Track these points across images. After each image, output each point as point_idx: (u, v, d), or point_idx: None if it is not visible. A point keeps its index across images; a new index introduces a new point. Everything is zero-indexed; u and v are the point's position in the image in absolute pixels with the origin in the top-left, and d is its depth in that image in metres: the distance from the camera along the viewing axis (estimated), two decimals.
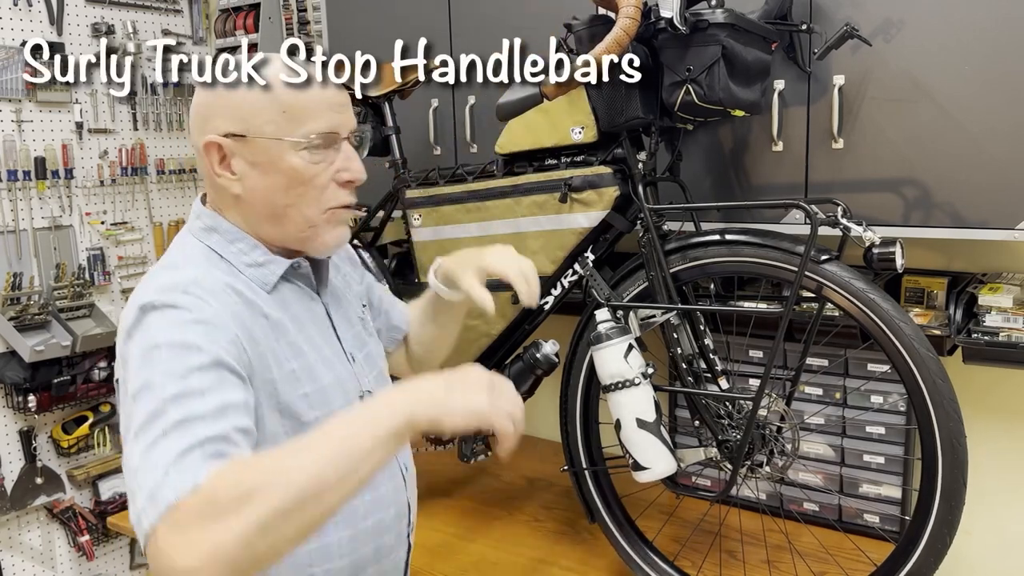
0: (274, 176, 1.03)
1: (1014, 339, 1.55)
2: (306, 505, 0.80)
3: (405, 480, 1.17)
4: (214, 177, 1.05)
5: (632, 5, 1.38)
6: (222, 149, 1.03)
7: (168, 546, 0.78)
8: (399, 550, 1.16)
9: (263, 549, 0.78)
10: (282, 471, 0.81)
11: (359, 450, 0.84)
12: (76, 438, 2.80)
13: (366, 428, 0.86)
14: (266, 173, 1.03)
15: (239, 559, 0.77)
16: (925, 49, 1.52)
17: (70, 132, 2.77)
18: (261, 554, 0.79)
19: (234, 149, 1.03)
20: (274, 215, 1.06)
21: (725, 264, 1.52)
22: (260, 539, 0.78)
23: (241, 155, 1.03)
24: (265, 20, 2.77)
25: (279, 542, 0.80)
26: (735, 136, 1.75)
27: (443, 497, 2.09)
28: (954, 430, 1.33)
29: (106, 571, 2.97)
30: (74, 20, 2.77)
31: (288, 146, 1.02)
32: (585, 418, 1.71)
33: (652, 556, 1.66)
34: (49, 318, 2.68)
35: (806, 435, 1.82)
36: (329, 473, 0.82)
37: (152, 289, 0.96)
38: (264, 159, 1.03)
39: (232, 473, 0.82)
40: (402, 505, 1.15)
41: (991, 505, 1.79)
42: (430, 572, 1.74)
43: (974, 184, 1.51)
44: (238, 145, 1.03)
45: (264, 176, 1.03)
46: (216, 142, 1.03)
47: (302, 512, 0.80)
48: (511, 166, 1.77)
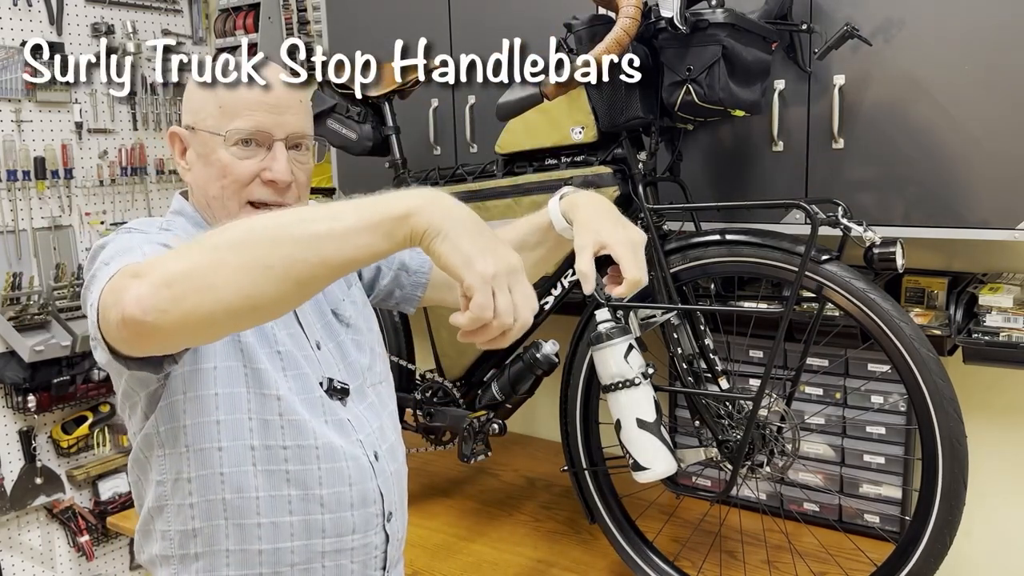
0: (209, 167, 1.12)
1: (1014, 339, 1.55)
2: (258, 245, 0.80)
3: (373, 468, 1.15)
4: (176, 164, 1.17)
5: (632, 5, 1.38)
6: (182, 140, 1.15)
7: (112, 286, 0.84)
8: (370, 536, 1.15)
9: (201, 270, 0.79)
10: (251, 218, 0.85)
11: (345, 215, 0.81)
12: (76, 438, 2.80)
13: (362, 204, 0.83)
14: (205, 164, 1.12)
15: (175, 274, 0.79)
16: (925, 49, 1.52)
17: (70, 132, 2.77)
18: (198, 276, 0.79)
19: (188, 140, 1.15)
20: (208, 204, 1.14)
21: (725, 264, 1.52)
22: (201, 256, 0.80)
23: (192, 146, 1.14)
24: (265, 20, 2.77)
25: (219, 269, 0.79)
26: (735, 136, 1.75)
27: (443, 497, 2.09)
28: (954, 430, 1.33)
29: (106, 571, 2.97)
30: (74, 20, 2.77)
31: (220, 140, 1.10)
32: (585, 418, 1.71)
33: (652, 556, 1.66)
34: (49, 318, 2.68)
35: (806, 435, 1.82)
36: (294, 223, 0.82)
37: (130, 223, 1.10)
38: (204, 150, 1.12)
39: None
40: (369, 491, 1.14)
41: (991, 505, 1.79)
42: (430, 572, 1.74)
43: (974, 184, 1.51)
44: (190, 136, 1.14)
45: (204, 167, 1.13)
46: (177, 132, 1.16)
47: (254, 248, 0.80)
48: (511, 166, 1.77)
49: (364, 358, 1.23)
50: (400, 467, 1.24)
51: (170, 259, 0.82)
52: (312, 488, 1.09)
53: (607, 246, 1.05)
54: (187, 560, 1.09)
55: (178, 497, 1.08)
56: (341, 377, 1.17)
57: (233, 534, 1.07)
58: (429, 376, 1.95)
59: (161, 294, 0.78)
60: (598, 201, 1.13)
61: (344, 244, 0.81)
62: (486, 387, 1.79)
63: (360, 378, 1.21)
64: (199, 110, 1.12)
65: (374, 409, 1.21)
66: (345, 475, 1.12)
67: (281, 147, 1.11)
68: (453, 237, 0.81)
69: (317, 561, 1.11)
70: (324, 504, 1.10)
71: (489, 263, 0.81)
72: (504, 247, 0.84)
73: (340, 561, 1.13)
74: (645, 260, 1.07)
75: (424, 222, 0.81)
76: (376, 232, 0.81)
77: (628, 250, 1.04)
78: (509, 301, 0.82)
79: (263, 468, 1.07)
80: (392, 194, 0.84)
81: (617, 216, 1.10)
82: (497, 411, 1.78)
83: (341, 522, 1.12)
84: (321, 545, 1.11)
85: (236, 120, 1.09)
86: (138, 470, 1.14)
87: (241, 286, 0.79)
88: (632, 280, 1.03)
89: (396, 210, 0.81)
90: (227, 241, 0.81)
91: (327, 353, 1.18)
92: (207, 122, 1.11)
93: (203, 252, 0.81)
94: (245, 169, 1.10)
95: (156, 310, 0.78)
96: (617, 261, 1.04)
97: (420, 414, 1.95)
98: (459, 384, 1.91)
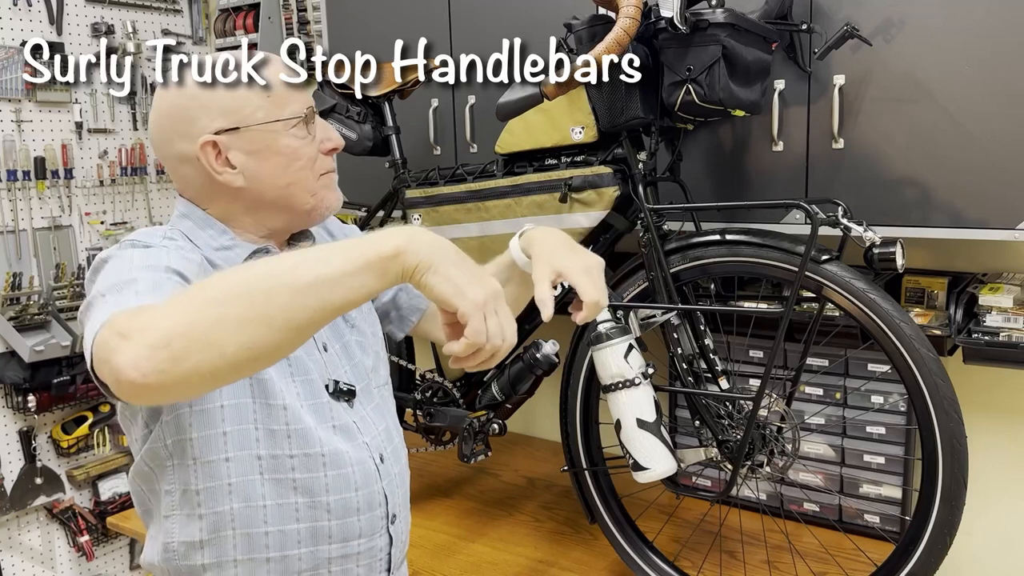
0: (270, 159, 1.09)
1: (1014, 339, 1.55)
2: (254, 296, 0.80)
3: (379, 471, 1.16)
4: (214, 175, 1.08)
5: (632, 5, 1.38)
6: (217, 146, 1.07)
7: (103, 341, 0.81)
8: (376, 539, 1.16)
9: (200, 329, 0.78)
10: (242, 268, 0.85)
11: (334, 258, 0.83)
12: (76, 438, 2.80)
13: (350, 246, 0.84)
14: (265, 158, 1.09)
15: (172, 334, 0.78)
16: (925, 49, 1.52)
17: (70, 132, 2.77)
18: (197, 335, 0.78)
19: (229, 143, 1.07)
20: (280, 196, 1.11)
21: (725, 264, 1.52)
22: (198, 313, 0.79)
23: (237, 147, 1.08)
24: (265, 20, 2.77)
25: (217, 326, 0.78)
26: (735, 136, 1.75)
27: (443, 497, 2.09)
28: (954, 430, 1.33)
29: (106, 571, 2.97)
30: (74, 20, 2.77)
31: (279, 128, 1.08)
32: (585, 418, 1.71)
33: (652, 556, 1.66)
34: (49, 318, 2.68)
35: (806, 435, 1.82)
36: (286, 271, 0.82)
37: (136, 232, 1.07)
38: (258, 145, 1.08)
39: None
40: (375, 494, 1.14)
41: (992, 505, 1.79)
42: (430, 572, 1.74)
43: (974, 184, 1.51)
44: (232, 138, 1.07)
45: (265, 161, 1.09)
46: (211, 140, 1.07)
47: (251, 300, 0.79)
48: (511, 166, 1.77)
49: (369, 359, 1.24)
50: (403, 469, 1.24)
51: (163, 317, 0.80)
52: (319, 495, 1.09)
53: (562, 274, 1.08)
54: (195, 572, 1.09)
55: (186, 508, 1.08)
56: (347, 378, 1.17)
57: (240, 544, 1.07)
58: (429, 376, 1.95)
59: (159, 355, 0.77)
60: (554, 234, 1.18)
61: (339, 287, 0.82)
62: (486, 387, 1.79)
63: (366, 379, 1.21)
64: (239, 109, 1.07)
65: (380, 411, 1.21)
66: (351, 481, 1.12)
67: (320, 118, 1.14)
68: (442, 270, 0.85)
69: (324, 567, 1.11)
70: (331, 511, 1.10)
71: (479, 290, 0.85)
72: (485, 274, 0.88)
73: (346, 566, 1.13)
74: (604, 282, 1.10)
75: (414, 258, 0.84)
76: (369, 272, 0.83)
77: (584, 275, 1.07)
78: (498, 323, 0.86)
79: (270, 477, 1.07)
80: (374, 235, 0.87)
81: (572, 245, 1.14)
82: (497, 411, 1.78)
83: (347, 527, 1.12)
84: (328, 551, 1.11)
85: (290, 105, 1.09)
86: (141, 481, 1.13)
87: (242, 340, 0.79)
88: (590, 303, 1.07)
89: (385, 249, 0.84)
90: (222, 295, 0.80)
91: (333, 355, 1.18)
92: (256, 115, 1.07)
93: (199, 308, 0.80)
94: (312, 147, 1.12)
95: (156, 372, 0.77)
96: (574, 287, 1.08)
97: (420, 414, 1.95)
98: (459, 384, 1.91)
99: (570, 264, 1.08)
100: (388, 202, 2.03)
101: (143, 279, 0.94)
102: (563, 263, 1.09)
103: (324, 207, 1.16)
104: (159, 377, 0.77)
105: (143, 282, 0.93)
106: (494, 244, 1.77)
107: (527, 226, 1.24)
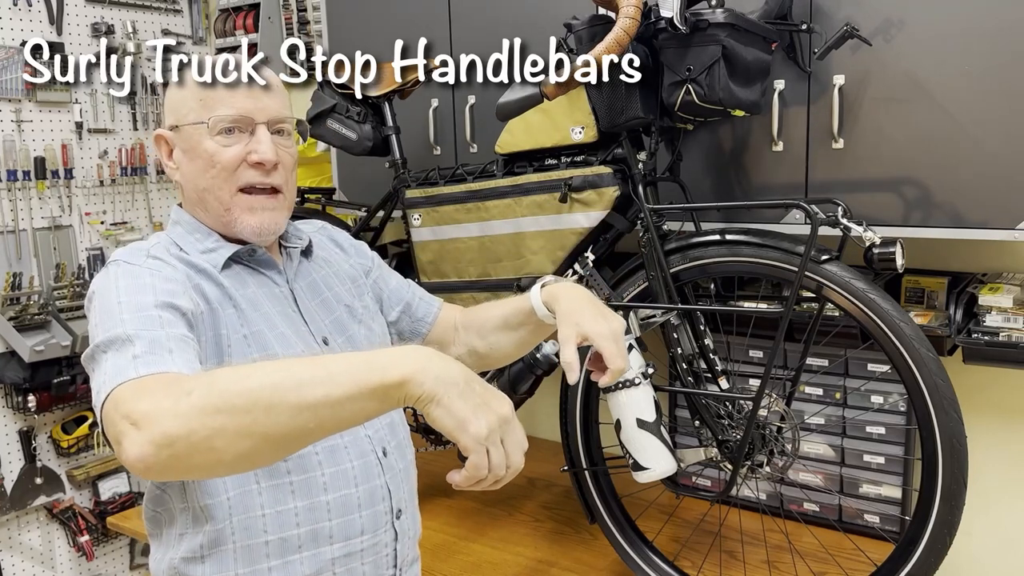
0: (195, 160, 1.13)
1: (1014, 339, 1.55)
2: (256, 411, 0.80)
3: (382, 465, 1.16)
4: (164, 166, 1.18)
5: (632, 5, 1.38)
6: (168, 142, 1.17)
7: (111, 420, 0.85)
8: (380, 534, 1.15)
9: (202, 435, 0.80)
10: (248, 371, 0.85)
11: (341, 378, 0.82)
12: (76, 438, 2.80)
13: (356, 366, 0.84)
14: (192, 158, 1.14)
15: (175, 436, 0.80)
16: (925, 49, 1.52)
17: (70, 132, 2.77)
18: (198, 440, 0.80)
19: (173, 140, 1.16)
20: (200, 199, 1.15)
21: (725, 264, 1.52)
22: (200, 421, 0.80)
23: (177, 144, 1.16)
24: (265, 20, 2.77)
25: (218, 435, 0.80)
26: (735, 136, 1.75)
27: (443, 497, 2.09)
28: (954, 430, 1.33)
29: (106, 571, 2.97)
30: (74, 20, 2.77)
31: (204, 129, 1.12)
32: (585, 418, 1.71)
33: (652, 556, 1.66)
34: (49, 318, 2.68)
35: (806, 435, 1.82)
36: (290, 388, 0.81)
37: (121, 250, 1.10)
38: (189, 145, 1.14)
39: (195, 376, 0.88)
40: (377, 488, 1.14)
41: (991, 505, 1.79)
42: (430, 572, 1.74)
43: (974, 184, 1.51)
44: (175, 136, 1.16)
45: (191, 162, 1.14)
46: (162, 134, 1.17)
47: (251, 415, 0.80)
48: (511, 166, 1.77)
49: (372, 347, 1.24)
50: (409, 465, 1.24)
51: (168, 414, 0.81)
52: (317, 495, 1.09)
53: (589, 338, 1.10)
54: None
55: (191, 526, 1.08)
56: None
57: (241, 556, 1.07)
58: None
59: (163, 453, 0.80)
60: (578, 292, 1.19)
61: (339, 410, 0.82)
62: None
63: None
64: (179, 108, 1.14)
65: None
66: (350, 476, 1.12)
67: (263, 129, 1.13)
68: (446, 403, 0.83)
69: (327, 570, 1.11)
70: (331, 510, 1.10)
71: (482, 424, 0.83)
72: (495, 397, 0.86)
73: (350, 565, 1.13)
74: (625, 348, 1.12)
75: (418, 389, 0.83)
76: (371, 398, 0.83)
77: (611, 342, 1.09)
78: (502, 454, 0.85)
79: (267, 484, 1.07)
80: (385, 354, 0.86)
81: (597, 306, 1.15)
82: None
83: (349, 525, 1.12)
84: (330, 552, 1.11)
85: (218, 109, 1.11)
86: (155, 505, 1.13)
87: (240, 451, 0.82)
88: (615, 370, 1.09)
89: (391, 377, 0.82)
90: (226, 405, 0.81)
91: (336, 348, 1.18)
92: (189, 117, 1.13)
93: (202, 415, 0.80)
94: (231, 155, 1.12)
95: (159, 465, 0.81)
96: (600, 352, 1.10)
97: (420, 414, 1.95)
98: None
99: (597, 329, 1.10)
100: (388, 202, 2.03)
101: (140, 337, 0.93)
102: (590, 327, 1.10)
103: (241, 228, 1.14)
104: (162, 470, 0.83)
105: (140, 342, 0.93)
106: (494, 244, 1.77)
107: (547, 277, 1.26)
